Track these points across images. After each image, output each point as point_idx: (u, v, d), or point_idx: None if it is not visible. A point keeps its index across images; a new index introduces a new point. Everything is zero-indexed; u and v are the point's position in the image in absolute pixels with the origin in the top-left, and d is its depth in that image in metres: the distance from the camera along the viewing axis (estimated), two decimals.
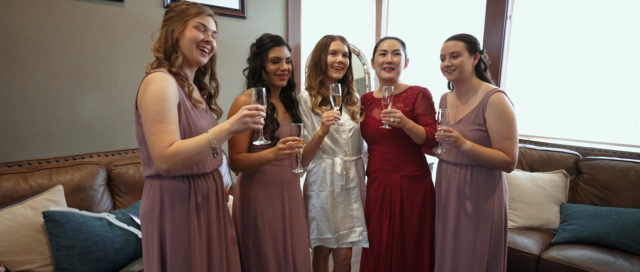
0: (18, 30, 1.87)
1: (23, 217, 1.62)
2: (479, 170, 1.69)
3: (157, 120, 1.21)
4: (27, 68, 1.91)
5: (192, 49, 1.36)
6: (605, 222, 2.11)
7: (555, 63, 2.74)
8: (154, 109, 1.21)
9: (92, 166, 1.99)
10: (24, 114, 1.93)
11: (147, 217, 1.36)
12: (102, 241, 1.68)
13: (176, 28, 1.34)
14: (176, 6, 1.37)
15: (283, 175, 1.72)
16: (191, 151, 1.22)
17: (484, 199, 1.68)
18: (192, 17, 1.35)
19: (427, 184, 1.91)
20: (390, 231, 1.87)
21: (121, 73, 2.20)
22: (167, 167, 1.21)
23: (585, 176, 2.39)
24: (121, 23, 2.18)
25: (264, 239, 1.67)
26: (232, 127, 1.27)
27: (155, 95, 1.22)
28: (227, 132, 1.27)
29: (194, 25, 1.35)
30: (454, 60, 1.67)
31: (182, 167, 1.24)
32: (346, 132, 1.85)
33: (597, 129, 2.62)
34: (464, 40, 1.67)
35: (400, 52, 1.85)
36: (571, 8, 2.65)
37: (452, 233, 1.75)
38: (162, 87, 1.24)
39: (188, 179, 1.38)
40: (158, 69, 1.31)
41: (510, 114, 1.60)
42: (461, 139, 1.59)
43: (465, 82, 1.72)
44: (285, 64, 1.69)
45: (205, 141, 1.24)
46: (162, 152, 1.20)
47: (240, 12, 2.67)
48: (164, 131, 1.21)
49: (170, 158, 1.20)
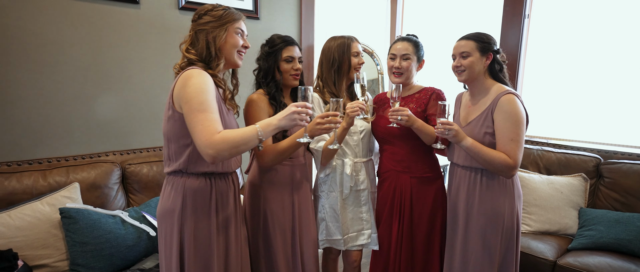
0: (38, 32, 1.94)
1: (41, 213, 1.68)
2: (489, 173, 1.65)
3: (202, 109, 1.22)
4: (47, 69, 1.98)
5: (233, 54, 1.40)
6: (627, 229, 2.03)
7: (575, 63, 2.65)
8: (197, 99, 1.23)
9: (108, 164, 2.04)
10: (45, 113, 2.00)
11: (167, 217, 1.36)
12: (114, 238, 1.72)
13: (218, 35, 1.36)
14: (212, 11, 1.37)
15: (293, 175, 1.73)
16: (239, 140, 1.23)
17: (494, 203, 1.64)
18: (232, 23, 1.38)
19: (438, 187, 1.87)
20: (399, 232, 1.85)
21: (136, 73, 2.25)
22: (214, 153, 1.21)
23: (607, 180, 2.31)
24: (137, 24, 2.23)
25: (273, 238, 1.69)
26: (279, 122, 1.28)
27: (198, 87, 1.24)
28: (275, 128, 1.29)
29: (234, 31, 1.38)
30: (463, 61, 1.62)
31: (227, 155, 1.23)
32: (357, 133, 1.84)
33: (619, 131, 2.52)
34: (475, 40, 1.62)
35: (411, 56, 1.81)
36: (592, 6, 2.56)
37: (461, 237, 1.71)
38: (204, 80, 1.27)
39: (210, 178, 1.39)
40: (194, 67, 1.33)
41: (518, 115, 1.53)
42: (461, 134, 1.54)
43: (477, 83, 1.68)
44: (297, 64, 1.71)
45: (253, 132, 1.25)
46: (210, 138, 1.20)
47: (254, 12, 2.69)
48: (209, 119, 1.22)
49: (218, 144, 1.20)
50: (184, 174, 1.37)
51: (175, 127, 1.32)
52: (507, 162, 1.52)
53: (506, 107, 1.55)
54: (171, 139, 1.34)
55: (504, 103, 1.56)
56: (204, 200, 1.38)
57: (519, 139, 1.53)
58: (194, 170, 1.36)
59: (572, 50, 2.66)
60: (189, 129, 1.25)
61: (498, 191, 1.64)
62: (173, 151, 1.35)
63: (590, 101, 2.61)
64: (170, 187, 1.37)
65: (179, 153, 1.35)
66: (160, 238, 1.41)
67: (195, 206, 1.36)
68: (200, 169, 1.36)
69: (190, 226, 1.35)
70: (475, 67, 1.62)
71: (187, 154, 1.33)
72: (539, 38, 2.78)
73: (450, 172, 1.83)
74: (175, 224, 1.35)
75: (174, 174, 1.38)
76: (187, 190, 1.36)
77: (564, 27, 2.69)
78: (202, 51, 1.36)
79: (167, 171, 1.39)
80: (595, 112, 2.60)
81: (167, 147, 1.37)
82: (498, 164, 1.53)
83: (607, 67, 2.52)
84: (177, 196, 1.35)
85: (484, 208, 1.65)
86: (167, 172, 1.40)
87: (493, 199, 1.64)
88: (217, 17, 1.36)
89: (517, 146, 1.53)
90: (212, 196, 1.39)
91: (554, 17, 2.72)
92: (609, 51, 2.51)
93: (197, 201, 1.36)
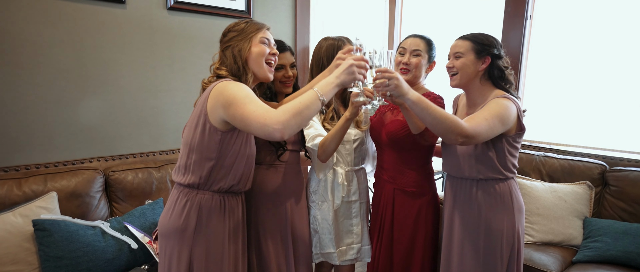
0: (16, 32, 1.84)
1: (12, 225, 1.58)
2: (485, 185, 1.53)
3: (249, 101, 1.17)
4: (25, 71, 1.89)
5: (261, 64, 1.36)
6: (636, 241, 1.93)
7: (580, 66, 2.56)
8: (241, 94, 1.19)
9: (90, 172, 1.94)
10: (23, 117, 1.90)
11: (176, 235, 1.30)
12: (93, 251, 1.62)
13: (243, 47, 1.34)
14: (235, 26, 1.37)
15: (286, 183, 1.66)
16: (300, 106, 1.15)
17: (491, 217, 1.52)
18: (255, 33, 1.36)
19: (423, 204, 1.75)
20: (378, 243, 1.79)
21: (123, 76, 2.16)
22: (281, 126, 1.11)
23: (613, 188, 2.21)
24: (123, 25, 2.14)
25: (266, 251, 1.62)
26: (338, 79, 1.21)
27: (238, 88, 1.22)
28: (334, 86, 1.21)
29: (259, 41, 1.36)
30: (455, 62, 1.50)
31: (295, 124, 1.14)
32: (350, 142, 1.75)
33: (625, 137, 2.42)
34: (472, 40, 1.48)
35: (422, 53, 1.70)
36: (596, 8, 2.47)
37: (457, 255, 1.60)
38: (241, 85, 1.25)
39: (223, 195, 1.36)
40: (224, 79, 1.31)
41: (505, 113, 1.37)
42: (405, 86, 1.28)
43: (472, 89, 1.54)
44: (289, 70, 1.64)
45: (313, 94, 1.18)
46: (269, 115, 1.12)
47: (246, 13, 2.60)
48: (260, 105, 1.17)
49: (281, 116, 1.12)
50: (199, 189, 1.32)
51: (204, 139, 1.28)
52: (460, 126, 1.28)
53: (497, 101, 1.42)
54: (195, 149, 1.29)
55: (497, 100, 1.43)
56: (219, 220, 1.34)
57: (491, 124, 1.34)
58: (212, 186, 1.33)
59: (576, 52, 2.57)
60: (241, 125, 1.18)
61: (496, 206, 1.52)
62: (193, 161, 1.30)
63: (595, 105, 2.52)
64: (185, 202, 1.31)
65: (200, 165, 1.30)
66: (164, 256, 1.33)
67: (209, 226, 1.32)
68: (217, 185, 1.34)
69: (202, 246, 1.31)
70: (468, 70, 1.48)
71: (209, 169, 1.30)
72: (542, 40, 2.69)
73: (445, 183, 1.73)
74: (185, 244, 1.30)
75: (188, 187, 1.32)
76: (203, 208, 1.31)
77: (567, 29, 2.60)
78: (231, 67, 1.35)
79: (181, 181, 1.33)
80: (601, 116, 2.50)
81: (186, 156, 1.32)
82: (448, 124, 1.28)
83: (613, 69, 2.43)
84: (192, 214, 1.30)
85: (481, 226, 1.53)
86: (179, 182, 1.34)
87: (491, 215, 1.52)
88: (240, 30, 1.36)
89: (486, 124, 1.33)
90: (226, 215, 1.37)
91: (557, 18, 2.63)
92: (614, 53, 2.42)
93: (212, 220, 1.32)
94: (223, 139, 1.28)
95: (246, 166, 1.39)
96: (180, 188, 1.34)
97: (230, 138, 1.29)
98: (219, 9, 2.46)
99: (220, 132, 1.27)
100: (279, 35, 2.79)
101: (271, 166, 1.62)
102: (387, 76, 1.25)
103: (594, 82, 2.51)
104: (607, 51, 2.44)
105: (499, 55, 1.51)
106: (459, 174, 1.58)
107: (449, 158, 1.64)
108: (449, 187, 1.67)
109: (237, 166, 1.35)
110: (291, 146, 1.66)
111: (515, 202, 1.54)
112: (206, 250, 1.32)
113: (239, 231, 1.44)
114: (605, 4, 2.45)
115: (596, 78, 2.50)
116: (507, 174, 1.52)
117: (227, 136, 1.28)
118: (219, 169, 1.31)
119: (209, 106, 1.25)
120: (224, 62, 1.36)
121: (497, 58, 1.51)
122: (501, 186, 1.52)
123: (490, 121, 1.35)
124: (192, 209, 1.30)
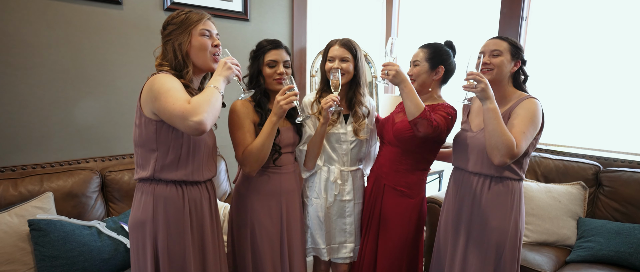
0: (13, 33, 1.85)
1: (8, 225, 1.59)
2: (497, 182, 1.56)
3: (171, 94, 1.20)
4: (22, 72, 1.89)
5: (205, 57, 1.35)
6: (628, 241, 1.94)
7: (574, 67, 2.57)
8: (164, 87, 1.21)
9: (86, 172, 1.95)
10: (19, 118, 1.91)
11: (138, 228, 1.32)
12: (88, 251, 1.63)
13: (183, 41, 1.32)
14: (174, 18, 1.34)
15: (281, 184, 1.68)
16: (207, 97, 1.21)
17: (500, 215, 1.55)
18: (195, 25, 1.33)
19: (411, 207, 1.76)
20: (366, 232, 1.82)
21: (119, 77, 2.17)
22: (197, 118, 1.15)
23: (606, 188, 2.23)
24: (119, 26, 2.15)
25: (262, 249, 1.64)
26: (220, 75, 1.29)
27: (164, 80, 1.23)
28: (221, 80, 1.29)
29: (199, 33, 1.33)
30: (493, 59, 1.55)
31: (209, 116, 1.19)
32: (347, 142, 1.77)
33: (619, 138, 2.44)
34: (509, 42, 1.56)
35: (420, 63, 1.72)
36: (591, 9, 2.49)
37: (462, 247, 1.62)
38: (169, 77, 1.26)
39: (181, 186, 1.34)
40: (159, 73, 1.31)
41: (537, 118, 1.48)
42: (490, 91, 1.41)
43: (500, 88, 1.58)
44: (281, 68, 1.63)
45: (210, 88, 1.25)
46: (185, 107, 1.16)
47: (243, 14, 2.61)
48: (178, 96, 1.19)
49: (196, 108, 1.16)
50: (153, 181, 1.33)
51: (142, 132, 1.29)
52: (512, 144, 1.41)
53: (528, 106, 1.50)
54: (138, 144, 1.32)
55: (527, 104, 1.51)
56: (177, 209, 1.33)
57: (528, 136, 1.46)
58: (163, 177, 1.32)
59: (571, 54, 2.58)
60: (164, 117, 1.21)
61: (505, 204, 1.56)
62: (141, 157, 1.32)
63: (589, 106, 2.54)
64: (141, 194, 1.33)
65: (146, 158, 1.31)
66: (133, 250, 1.35)
67: (167, 215, 1.31)
68: (169, 176, 1.32)
69: (163, 237, 1.30)
70: (504, 69, 1.55)
71: (154, 160, 1.31)
72: (537, 41, 2.71)
73: (455, 178, 1.72)
74: (147, 235, 1.30)
75: (143, 182, 1.34)
76: (158, 198, 1.31)
77: (562, 30, 2.62)
78: (172, 61, 1.34)
79: (137, 177, 1.35)
80: (594, 117, 2.52)
81: (136, 154, 1.35)
82: (505, 141, 1.40)
83: (607, 71, 2.45)
84: (148, 205, 1.30)
85: (488, 219, 1.57)
86: (136, 178, 1.35)
87: (498, 211, 1.56)
88: (179, 22, 1.33)
89: (525, 140, 1.45)
90: (185, 204, 1.35)
91: (552, 20, 2.65)
92: (608, 55, 2.44)
93: (169, 210, 1.32)
94: (159, 128, 1.28)
95: (195, 154, 1.36)
96: (139, 184, 1.36)
97: (168, 127, 1.28)
98: (215, 10, 2.47)
99: (155, 122, 1.27)
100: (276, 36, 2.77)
101: (267, 169, 1.64)
102: (478, 78, 1.39)
103: (588, 84, 2.53)
104: (602, 53, 2.46)
105: (525, 62, 1.60)
106: (475, 170, 1.60)
107: (463, 153, 1.65)
108: (458, 181, 1.68)
109: (184, 155, 1.33)
110: (285, 148, 1.68)
111: (521, 204, 1.59)
112: (167, 241, 1.31)
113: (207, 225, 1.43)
114: (598, 6, 2.47)
115: (590, 79, 2.52)
116: (521, 175, 1.58)
117: (162, 125, 1.28)
118: (164, 159, 1.30)
119: (142, 100, 1.27)
120: (166, 56, 1.35)
121: (524, 64, 1.60)
122: (513, 185, 1.56)
123: (527, 134, 1.46)
124: (148, 201, 1.31)
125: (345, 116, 1.79)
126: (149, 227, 1.30)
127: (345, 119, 1.78)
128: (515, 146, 1.41)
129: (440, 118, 1.59)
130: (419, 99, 1.56)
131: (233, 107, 1.61)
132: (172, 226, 1.32)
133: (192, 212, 1.37)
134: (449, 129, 1.65)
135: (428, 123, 1.53)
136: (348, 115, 1.79)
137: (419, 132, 1.56)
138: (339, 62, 1.70)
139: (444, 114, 1.62)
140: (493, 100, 1.42)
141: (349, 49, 1.72)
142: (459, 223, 1.66)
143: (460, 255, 1.63)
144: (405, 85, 1.54)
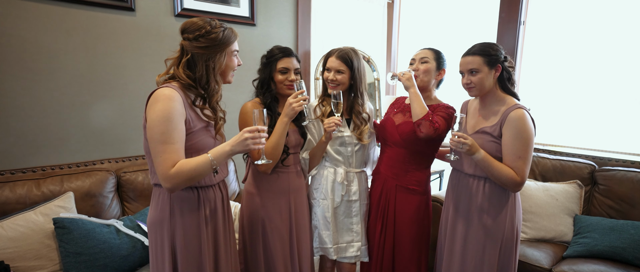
0: (34, 40, 1.93)
1: (34, 223, 1.67)
2: (492, 182, 1.64)
3: (162, 140, 1.23)
4: (42, 77, 1.97)
5: (229, 76, 1.42)
6: (621, 237, 2.03)
7: (571, 69, 2.66)
8: (159, 128, 1.23)
9: (102, 173, 2.03)
10: (39, 121, 1.99)
11: (156, 227, 1.37)
12: (109, 248, 1.71)
13: (219, 61, 1.34)
14: (210, 34, 1.32)
15: (289, 182, 1.76)
16: (192, 172, 1.26)
17: (495, 213, 1.63)
18: (230, 45, 1.37)
19: (421, 202, 1.87)
20: (382, 234, 1.89)
21: (132, 81, 2.25)
22: (170, 186, 1.26)
23: (601, 187, 2.32)
24: (132, 32, 2.22)
25: (273, 246, 1.71)
26: (233, 148, 1.28)
27: (161, 114, 1.23)
28: (228, 154, 1.29)
29: (232, 54, 1.39)
30: (472, 78, 1.59)
31: (184, 185, 1.28)
32: (352, 145, 1.85)
33: (614, 139, 2.53)
34: (481, 54, 1.57)
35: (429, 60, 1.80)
36: (587, 13, 2.58)
37: (460, 246, 1.71)
38: (168, 106, 1.24)
39: (196, 189, 1.39)
40: (168, 84, 1.31)
41: (528, 133, 1.52)
42: (475, 147, 1.52)
43: (488, 95, 1.65)
44: (293, 75, 1.71)
45: (206, 162, 1.27)
46: (166, 172, 1.24)
47: (250, 19, 2.69)
48: (167, 152, 1.24)
49: (173, 178, 1.24)
50: None
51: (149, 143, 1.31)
52: (515, 179, 1.53)
53: (516, 124, 1.52)
54: (147, 152, 1.33)
55: (514, 119, 1.53)
56: (192, 208, 1.38)
57: (526, 157, 1.53)
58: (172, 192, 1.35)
59: (567, 57, 2.67)
60: (151, 154, 1.27)
61: (501, 202, 1.63)
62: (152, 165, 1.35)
63: (585, 107, 2.62)
64: (158, 196, 1.38)
65: None
66: (151, 248, 1.40)
67: (183, 214, 1.36)
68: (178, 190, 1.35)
69: (180, 235, 1.36)
70: (485, 83, 1.59)
71: None
72: (534, 44, 2.79)
73: (452, 179, 1.81)
74: (165, 234, 1.35)
75: (159, 186, 1.37)
76: (174, 199, 1.36)
77: (559, 34, 2.70)
78: (201, 78, 1.34)
79: (154, 182, 1.39)
80: (590, 118, 2.61)
81: (148, 161, 1.38)
82: (506, 179, 1.54)
83: (602, 73, 2.54)
84: (165, 205, 1.35)
85: (485, 217, 1.64)
86: (153, 183, 1.40)
87: (495, 209, 1.63)
88: (218, 41, 1.32)
89: (525, 163, 1.53)
90: (201, 204, 1.40)
91: (549, 24, 2.73)
92: (604, 57, 2.53)
93: (185, 210, 1.37)
94: None
95: None
96: (155, 188, 1.40)
97: None
98: (223, 15, 2.55)
99: None
100: (282, 40, 2.89)
101: (275, 169, 1.71)
102: (462, 142, 1.50)
103: (584, 86, 2.61)
104: (597, 55, 2.55)
105: (505, 59, 1.62)
106: (471, 172, 1.67)
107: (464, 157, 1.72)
108: (456, 182, 1.76)
109: None
110: (291, 149, 1.76)
111: (517, 200, 1.67)
112: (184, 240, 1.36)
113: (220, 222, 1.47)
114: (594, 10, 2.55)
115: (586, 82, 2.60)
116: None
117: None
118: None
119: (146, 112, 1.28)
120: (192, 68, 1.32)
121: (504, 62, 1.61)
122: None
123: (526, 158, 1.53)
124: (165, 202, 1.35)
125: (348, 120, 1.87)
126: (166, 227, 1.34)
127: (347, 122, 1.86)
128: (518, 176, 1.53)
129: (440, 120, 1.70)
130: (424, 102, 1.68)
131: (244, 108, 1.67)
132: (188, 225, 1.36)
133: (206, 211, 1.42)
134: (448, 128, 1.75)
135: (430, 124, 1.64)
136: (350, 119, 1.87)
137: (421, 132, 1.67)
138: (335, 74, 1.77)
139: (444, 115, 1.74)
140: (480, 151, 1.53)
141: (345, 61, 1.76)
142: (457, 221, 1.74)
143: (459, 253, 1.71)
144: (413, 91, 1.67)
